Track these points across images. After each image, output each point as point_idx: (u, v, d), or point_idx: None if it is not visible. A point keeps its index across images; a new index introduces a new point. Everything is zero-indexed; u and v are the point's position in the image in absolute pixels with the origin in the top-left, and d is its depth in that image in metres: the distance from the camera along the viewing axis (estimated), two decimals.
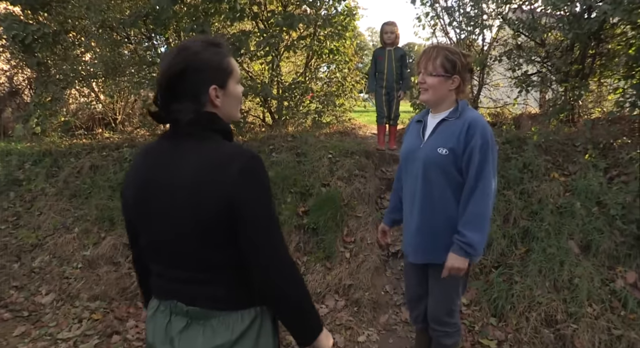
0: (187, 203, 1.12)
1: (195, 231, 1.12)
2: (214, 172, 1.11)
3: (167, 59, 1.20)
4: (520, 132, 4.59)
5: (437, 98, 2.03)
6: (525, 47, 5.03)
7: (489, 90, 5.64)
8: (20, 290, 3.89)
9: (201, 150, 1.16)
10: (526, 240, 3.48)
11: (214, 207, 1.10)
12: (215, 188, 1.10)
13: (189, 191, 1.12)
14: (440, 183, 1.99)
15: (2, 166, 5.23)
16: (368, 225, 3.90)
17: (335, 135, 5.54)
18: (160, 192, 1.16)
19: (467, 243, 1.89)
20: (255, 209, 1.13)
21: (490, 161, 1.91)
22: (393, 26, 4.75)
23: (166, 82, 1.17)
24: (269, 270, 1.15)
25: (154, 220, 1.19)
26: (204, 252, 1.15)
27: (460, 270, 1.93)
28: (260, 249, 1.14)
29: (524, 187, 3.79)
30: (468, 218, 1.91)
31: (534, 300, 3.06)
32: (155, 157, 1.22)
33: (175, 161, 1.16)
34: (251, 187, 1.13)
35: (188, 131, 1.18)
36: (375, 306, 3.32)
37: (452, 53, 1.98)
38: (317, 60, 6.19)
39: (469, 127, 1.93)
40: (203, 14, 4.57)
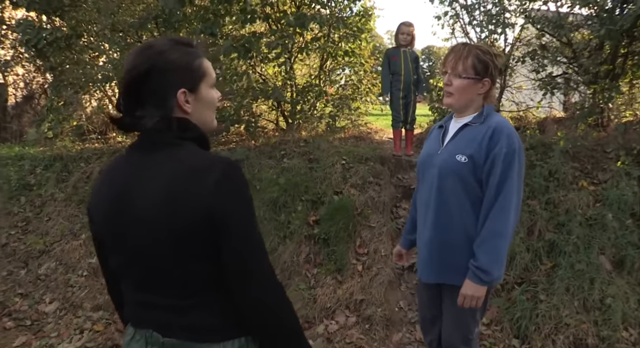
0: (159, 217, 1.00)
1: (171, 247, 1.01)
2: (187, 182, 1.00)
3: (129, 58, 1.06)
4: (545, 137, 4.34)
5: (464, 103, 1.83)
6: (550, 47, 4.77)
7: (511, 93, 5.38)
8: (25, 298, 3.82)
9: (172, 160, 1.04)
10: (552, 255, 3.24)
11: (189, 220, 0.99)
12: (190, 201, 0.99)
13: (161, 204, 1.00)
14: (457, 194, 1.78)
15: (14, 171, 5.20)
16: (382, 236, 3.71)
17: (350, 140, 5.35)
18: (131, 207, 1.04)
19: (480, 269, 1.68)
20: (237, 223, 1.02)
21: (514, 173, 1.69)
22: (410, 27, 4.54)
23: (128, 85, 1.03)
24: (257, 292, 1.03)
25: (127, 237, 1.06)
26: (181, 272, 1.03)
27: (476, 299, 1.72)
28: (246, 268, 1.03)
29: (550, 197, 3.54)
30: (484, 237, 1.70)
31: (561, 321, 2.83)
32: (124, 170, 1.10)
33: (146, 173, 1.04)
34: (230, 199, 1.02)
35: (156, 139, 1.06)
36: (388, 323, 3.12)
37: (484, 53, 1.78)
38: (332, 62, 6.02)
39: (493, 132, 1.72)
40: (213, 15, 4.45)
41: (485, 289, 1.72)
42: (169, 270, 1.03)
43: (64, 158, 5.25)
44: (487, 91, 1.82)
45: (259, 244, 1.06)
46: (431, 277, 1.93)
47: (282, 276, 3.55)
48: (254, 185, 4.27)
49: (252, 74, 5.15)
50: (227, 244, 1.01)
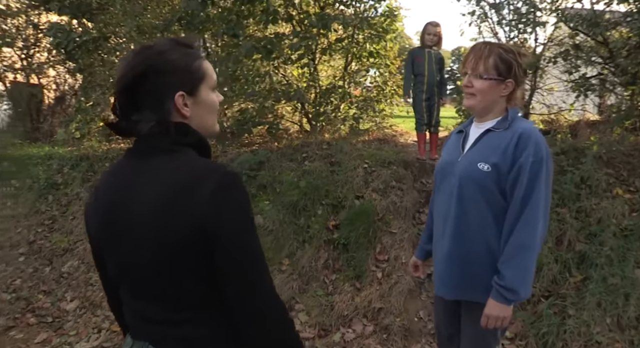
0: (153, 229, 0.95)
1: (163, 261, 0.96)
2: (182, 192, 0.94)
3: (126, 59, 1.01)
4: (577, 141, 4.13)
5: (485, 105, 1.69)
6: (584, 46, 4.54)
7: (542, 95, 5.16)
8: (48, 295, 3.91)
9: (168, 167, 0.98)
10: (583, 267, 3.06)
11: (182, 232, 0.93)
12: (184, 212, 0.93)
13: (154, 214, 0.95)
14: (478, 205, 1.65)
15: (43, 170, 5.34)
16: (404, 242, 3.60)
17: (374, 143, 5.25)
18: (125, 216, 0.99)
19: (506, 288, 1.55)
20: (235, 235, 0.96)
21: (542, 183, 1.56)
22: (437, 27, 4.38)
23: (124, 87, 0.98)
24: (259, 306, 0.97)
25: (121, 249, 1.01)
26: (174, 286, 0.98)
27: (502, 320, 1.60)
28: (247, 281, 0.97)
29: (581, 205, 3.35)
30: (509, 253, 1.57)
31: (591, 339, 2.66)
32: (120, 176, 1.05)
33: (140, 181, 0.99)
34: (227, 210, 0.95)
35: (152, 145, 1.00)
36: (406, 333, 3.02)
37: (507, 52, 1.65)
38: (357, 63, 5.93)
39: (519, 139, 1.59)
40: (236, 16, 4.44)
41: (511, 308, 1.61)
42: (162, 284, 0.98)
43: (90, 158, 5.36)
44: (511, 93, 1.69)
45: (259, 257, 0.99)
46: (449, 293, 1.81)
47: (300, 281, 3.50)
48: (274, 188, 4.24)
49: (274, 76, 5.12)
50: (226, 257, 0.95)
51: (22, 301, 3.88)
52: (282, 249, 3.72)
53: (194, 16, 4.35)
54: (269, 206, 4.03)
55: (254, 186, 4.28)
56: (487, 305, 1.62)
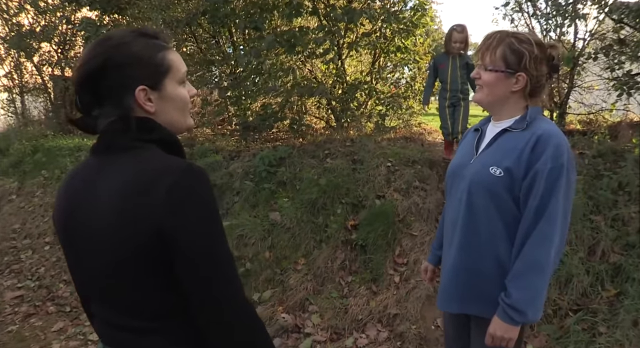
0: (109, 232, 0.89)
1: (124, 267, 0.90)
2: (138, 192, 0.87)
3: (85, 51, 0.94)
4: (617, 143, 3.85)
5: (493, 100, 1.53)
6: (629, 41, 4.22)
7: (580, 93, 4.85)
8: (68, 284, 3.97)
9: (127, 165, 0.92)
10: (617, 280, 2.83)
11: (139, 236, 0.86)
12: (139, 213, 0.86)
13: (110, 217, 0.89)
14: (488, 213, 1.49)
15: (70, 161, 5.45)
16: (424, 246, 3.44)
17: (399, 141, 5.08)
18: (84, 220, 0.94)
19: (512, 307, 1.40)
20: (194, 237, 0.87)
21: (560, 193, 1.38)
22: (462, 33, 4.12)
23: (81, 81, 0.93)
24: (224, 319, 0.89)
25: (83, 254, 0.97)
26: (138, 292, 0.92)
27: (507, 341, 1.45)
28: (209, 292, 0.88)
29: (618, 213, 3.11)
30: (518, 270, 1.42)
31: None
32: (81, 176, 1.00)
33: (100, 180, 0.94)
34: (185, 210, 0.87)
35: (111, 142, 0.95)
36: (422, 342, 2.88)
37: (520, 41, 1.46)
38: (385, 58, 5.76)
39: (537, 142, 1.41)
40: (259, 9, 4.37)
41: (518, 329, 1.46)
42: (126, 291, 0.93)
43: None
44: (524, 88, 1.49)
45: (224, 263, 0.90)
46: (452, 306, 1.66)
47: (315, 282, 3.41)
48: (294, 185, 4.16)
49: (299, 70, 5.02)
50: (185, 264, 0.87)
51: (44, 289, 3.97)
52: (299, 248, 3.64)
53: (218, 9, 4.30)
54: (287, 203, 3.95)
55: (273, 183, 4.22)
56: (491, 324, 1.48)
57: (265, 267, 3.58)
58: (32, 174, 5.83)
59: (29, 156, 6.17)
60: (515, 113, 1.54)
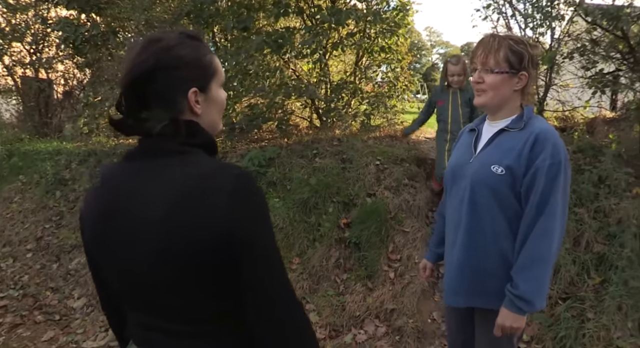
0: (164, 237, 0.87)
1: (175, 272, 0.88)
2: (197, 198, 0.86)
3: (132, 53, 0.93)
4: (594, 139, 4.02)
5: (499, 101, 1.59)
6: (601, 41, 4.42)
7: (557, 91, 5.04)
8: (55, 292, 3.88)
9: (178, 169, 0.90)
10: (602, 269, 2.97)
11: (199, 241, 0.86)
12: (201, 219, 0.86)
13: (166, 222, 0.86)
14: (491, 210, 1.56)
15: (50, 165, 5.31)
16: (416, 241, 3.52)
17: (385, 140, 5.15)
18: (128, 223, 0.91)
19: (520, 297, 1.48)
20: (255, 239, 0.89)
21: (559, 188, 1.46)
22: (460, 65, 3.63)
23: (131, 83, 0.91)
24: (279, 319, 0.91)
25: (123, 257, 0.93)
26: (181, 297, 0.91)
27: (515, 330, 1.53)
28: (268, 294, 0.90)
29: (600, 205, 3.26)
30: (523, 262, 1.49)
31: (611, 344, 2.58)
32: (119, 180, 0.97)
33: (145, 185, 0.91)
34: (246, 213, 0.88)
35: (160, 146, 0.93)
36: (419, 335, 2.95)
37: (517, 43, 1.54)
38: (368, 58, 5.83)
39: (536, 141, 1.49)
40: (246, 9, 4.36)
41: (525, 318, 1.53)
42: (171, 297, 0.91)
43: (98, 153, 5.32)
44: (524, 87, 1.59)
45: (280, 265, 0.94)
46: (459, 301, 1.73)
47: (311, 281, 3.44)
48: (284, 185, 4.18)
49: (285, 70, 5.03)
50: (249, 266, 0.89)
51: (29, 298, 3.86)
52: (293, 248, 3.66)
53: (203, 9, 4.27)
54: (279, 203, 3.96)
55: (263, 183, 4.22)
56: (500, 315, 1.54)
57: None
58: (8, 179, 5.65)
59: (5, 160, 5.98)
60: (512, 112, 1.61)
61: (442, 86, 3.83)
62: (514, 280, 1.50)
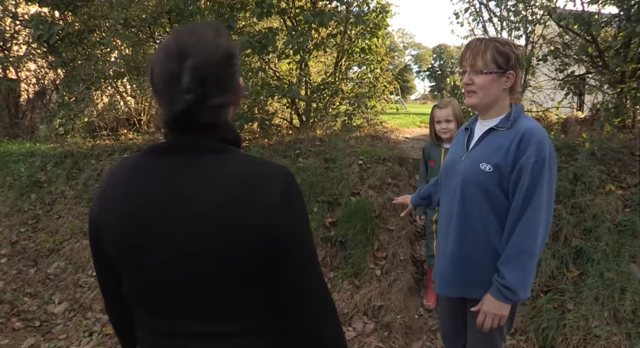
0: (209, 236, 0.85)
1: (215, 269, 0.87)
2: (247, 194, 0.86)
3: (207, 37, 0.88)
4: (568, 138, 4.18)
5: (489, 101, 1.66)
6: (572, 45, 4.61)
7: (532, 92, 5.22)
8: (34, 298, 3.76)
9: (220, 166, 0.89)
10: (579, 262, 3.10)
11: (249, 238, 0.85)
12: (250, 216, 0.85)
13: (210, 220, 0.85)
14: (481, 206, 1.64)
15: (25, 167, 5.15)
16: (401, 239, 3.59)
17: (367, 140, 5.23)
18: (163, 221, 0.87)
19: (506, 287, 1.55)
20: (303, 243, 0.91)
21: (544, 184, 1.53)
22: (449, 108, 2.90)
23: (217, 63, 0.87)
24: (317, 314, 0.93)
25: (152, 254, 0.89)
26: (223, 297, 0.89)
27: (499, 317, 1.60)
28: (307, 290, 0.92)
29: (576, 201, 3.40)
30: (509, 254, 1.57)
31: (590, 333, 2.69)
32: (149, 175, 0.92)
33: (182, 180, 0.88)
34: (296, 215, 0.90)
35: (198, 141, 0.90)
36: (407, 331, 3.01)
37: (502, 44, 1.62)
38: (348, 59, 5.90)
39: (522, 139, 1.56)
40: (228, 9, 4.34)
41: (510, 307, 1.61)
42: (207, 294, 0.89)
43: (74, 155, 5.19)
44: (512, 86, 1.66)
45: (317, 258, 0.96)
46: (451, 291, 1.81)
47: None
48: None
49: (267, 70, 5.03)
50: (292, 266, 0.90)
51: (6, 304, 3.72)
52: None
53: (184, 8, 4.23)
54: None
55: None
56: (485, 302, 1.62)
57: None
58: None
59: None
60: (502, 111, 1.68)
61: (432, 140, 3.10)
62: (500, 271, 1.58)
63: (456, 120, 2.90)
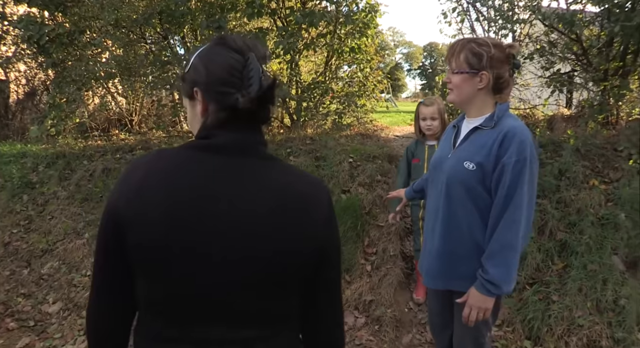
0: (267, 240, 0.85)
1: (266, 278, 0.87)
2: (301, 208, 0.88)
3: (256, 43, 0.95)
4: (554, 135, 4.28)
5: (463, 99, 1.73)
6: (558, 44, 4.70)
7: (519, 90, 5.32)
8: (27, 298, 3.77)
9: (271, 169, 0.90)
10: (564, 255, 3.19)
11: (298, 249, 0.88)
12: (304, 228, 0.88)
13: (267, 229, 0.85)
14: (464, 203, 1.70)
15: (16, 168, 5.15)
16: (391, 235, 3.65)
17: (357, 138, 5.29)
18: (213, 222, 0.84)
19: (489, 281, 1.62)
20: (338, 249, 0.98)
21: (524, 183, 1.58)
22: (434, 106, 2.94)
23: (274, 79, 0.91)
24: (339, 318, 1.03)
25: (195, 259, 0.84)
26: (264, 303, 0.89)
27: (484, 311, 1.67)
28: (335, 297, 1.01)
29: (561, 196, 3.49)
30: (492, 249, 1.63)
31: (574, 323, 2.78)
32: (195, 171, 0.86)
33: (240, 180, 0.86)
34: (336, 229, 0.97)
35: (250, 144, 0.91)
36: (397, 324, 3.07)
37: (480, 45, 1.66)
38: (338, 59, 5.96)
39: (504, 138, 1.60)
40: (219, 10, 4.38)
41: (494, 300, 1.67)
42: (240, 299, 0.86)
43: (66, 156, 5.20)
44: (491, 85, 1.68)
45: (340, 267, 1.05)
46: (438, 284, 1.87)
47: None
48: None
49: None
50: (329, 274, 0.95)
51: None
52: None
53: (175, 9, 4.26)
54: None
55: None
56: (470, 296, 1.68)
57: None
58: None
59: None
60: (485, 110, 1.73)
61: (417, 136, 3.14)
62: (484, 266, 1.64)
63: (441, 118, 2.97)
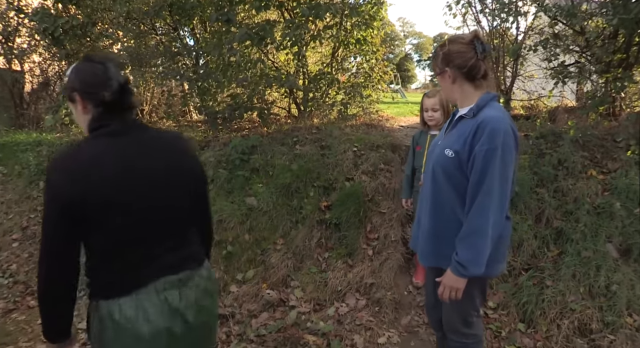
0: (182, 179, 1.49)
1: (186, 200, 1.49)
2: (185, 153, 1.55)
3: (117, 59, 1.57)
4: (555, 126, 4.35)
5: (447, 95, 1.93)
6: (562, 35, 4.75)
7: (523, 81, 5.37)
8: None
9: (156, 136, 1.49)
10: (559, 242, 3.29)
11: (191, 179, 1.54)
12: (192, 167, 1.56)
13: (180, 170, 1.49)
14: (446, 188, 1.82)
15: (33, 156, 5.34)
16: (392, 221, 3.78)
17: (362, 128, 5.39)
18: (153, 173, 1.39)
19: (459, 263, 1.74)
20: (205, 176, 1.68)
21: (495, 170, 1.65)
22: (437, 97, 2.97)
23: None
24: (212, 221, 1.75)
25: (144, 199, 1.36)
26: (188, 216, 1.52)
27: (456, 290, 1.79)
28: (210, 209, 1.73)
29: (559, 185, 3.58)
30: (463, 233, 1.74)
31: (566, 307, 2.89)
32: (125, 146, 1.36)
33: (144, 149, 1.41)
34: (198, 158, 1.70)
35: (140, 122, 1.53)
36: (397, 306, 3.21)
37: (440, 48, 1.86)
38: (344, 50, 6.04)
39: (478, 128, 1.69)
40: (228, 2, 4.49)
41: (465, 281, 1.77)
42: (184, 219, 1.49)
43: None
44: (455, 79, 1.81)
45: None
46: (429, 261, 2.00)
47: (295, 260, 3.66)
48: (267, 171, 4.37)
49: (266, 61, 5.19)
50: (207, 195, 1.68)
51: (20, 285, 3.94)
52: (277, 229, 3.87)
53: (185, 2, 4.38)
54: (262, 188, 4.16)
55: (247, 169, 4.40)
56: (445, 275, 1.81)
57: (246, 248, 3.78)
58: None
59: None
60: (468, 101, 1.83)
61: (422, 127, 3.20)
62: (457, 248, 1.76)
63: (442, 109, 3.02)
